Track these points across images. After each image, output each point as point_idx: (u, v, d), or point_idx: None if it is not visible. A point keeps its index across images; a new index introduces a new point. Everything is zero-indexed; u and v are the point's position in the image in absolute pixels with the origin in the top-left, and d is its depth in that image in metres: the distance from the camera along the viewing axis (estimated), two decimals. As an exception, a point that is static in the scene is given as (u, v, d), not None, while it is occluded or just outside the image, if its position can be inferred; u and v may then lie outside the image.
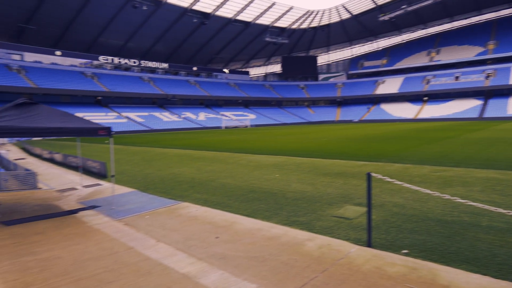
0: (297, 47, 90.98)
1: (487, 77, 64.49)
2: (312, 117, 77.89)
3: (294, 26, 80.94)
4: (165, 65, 74.82)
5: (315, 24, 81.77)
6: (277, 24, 77.70)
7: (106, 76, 63.56)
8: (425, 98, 70.51)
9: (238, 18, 71.15)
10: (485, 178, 8.76)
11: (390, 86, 76.30)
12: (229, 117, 68.29)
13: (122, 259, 4.46)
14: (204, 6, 64.44)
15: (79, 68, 62.40)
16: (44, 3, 54.19)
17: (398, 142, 19.74)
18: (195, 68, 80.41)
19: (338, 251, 4.57)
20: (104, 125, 7.67)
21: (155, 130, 53.16)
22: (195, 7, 63.96)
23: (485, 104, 61.69)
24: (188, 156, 16.69)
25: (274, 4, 68.47)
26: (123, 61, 68.46)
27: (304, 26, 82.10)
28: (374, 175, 4.87)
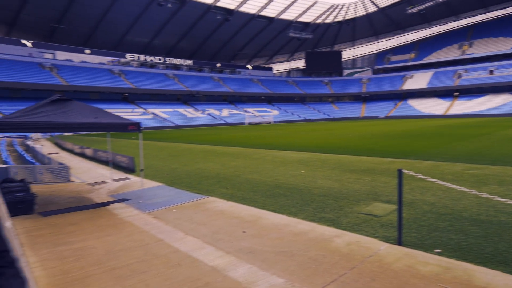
0: (321, 42, 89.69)
1: (524, 70, 61.17)
2: (336, 113, 76.73)
3: (319, 21, 79.78)
4: (189, 62, 75.86)
5: (340, 18, 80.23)
6: (301, 19, 76.88)
7: (133, 73, 65.23)
8: (456, 93, 67.73)
9: (262, 13, 70.95)
10: (523, 176, 8.32)
11: (419, 81, 73.81)
12: (252, 113, 68.44)
13: (153, 250, 4.58)
14: (228, 2, 64.68)
15: (107, 65, 64.39)
16: (74, 3, 56.20)
17: (427, 139, 19.09)
18: (218, 65, 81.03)
19: (367, 249, 4.48)
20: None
21: (179, 126, 54.12)
22: (218, 4, 64.33)
23: (521, 99, 58.61)
24: (212, 151, 16.88)
25: (298, -2, 67.85)
26: (149, 58, 70.00)
27: (329, 20, 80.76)
28: (405, 171, 4.73)
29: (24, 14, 56.19)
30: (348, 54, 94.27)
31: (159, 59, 71.31)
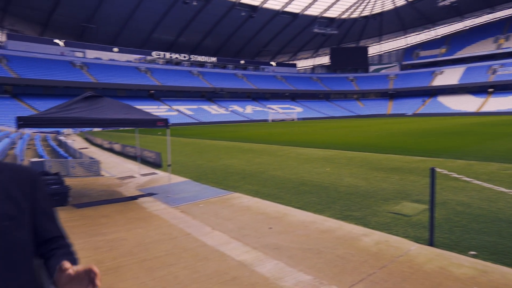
0: (346, 38, 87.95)
1: None
2: (361, 110, 75.17)
3: (344, 16, 78.23)
4: (213, 59, 76.53)
5: (366, 13, 78.30)
6: (326, 15, 75.66)
7: (158, 71, 66.61)
8: (490, 90, 64.58)
9: (286, 9, 70.40)
10: None
11: (449, 77, 70.93)
12: (275, 110, 68.27)
13: (181, 244, 4.67)
14: (252, -1, 64.68)
15: (134, 63, 66.11)
16: (104, 3, 57.96)
17: (459, 137, 18.35)
18: (242, 62, 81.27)
19: (397, 248, 4.38)
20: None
21: (203, 123, 54.84)
22: (243, 1, 64.39)
23: (562, 96, 55.14)
24: (237, 148, 16.99)
25: (323, -6, 66.80)
26: (174, 56, 71.22)
27: (355, 15, 79.01)
28: (438, 170, 4.57)
29: (56, 15, 58.58)
30: (374, 49, 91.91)
31: (184, 57, 72.40)
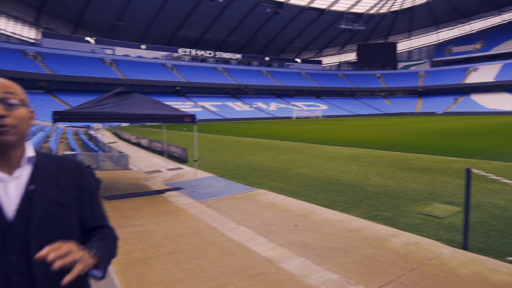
0: (374, 34, 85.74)
1: None
2: (388, 108, 73.21)
3: (373, 11, 76.25)
4: (238, 55, 76.83)
5: (396, 7, 75.92)
6: (353, 10, 74.04)
7: (184, 68, 67.67)
8: (528, 88, 61.18)
9: (312, 5, 69.50)
10: None
11: (484, 74, 67.62)
12: (300, 107, 67.74)
13: (208, 238, 4.73)
14: (278, -5, 64.31)
15: (160, 60, 67.48)
16: (133, 1, 59.47)
17: (494, 138, 17.50)
18: (267, 58, 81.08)
19: (428, 251, 4.23)
20: (188, 112, 8.14)
21: (227, 119, 55.25)
22: (269, -3, 64.20)
23: None
24: (261, 144, 17.00)
25: (351, -12, 65.39)
26: (200, 52, 72.11)
27: (384, 10, 76.82)
28: (475, 171, 4.37)
29: (88, 13, 60.74)
30: (403, 45, 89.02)
31: (209, 53, 73.14)
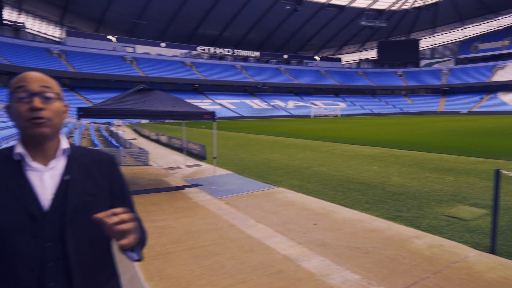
0: (396, 31, 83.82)
1: None
2: (410, 107, 71.51)
3: (395, 7, 74.56)
4: (256, 53, 76.80)
5: (419, 3, 73.96)
6: (374, 6, 72.63)
7: (203, 65, 68.21)
8: (559, 86, 58.41)
9: (332, 2, 68.62)
10: None
11: (512, 71, 65.08)
12: (318, 105, 67.13)
13: (227, 234, 4.75)
14: (298, -8, 63.77)
15: (179, 58, 68.27)
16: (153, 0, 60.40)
17: (521, 138, 16.81)
18: (285, 56, 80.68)
19: (453, 253, 4.10)
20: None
21: (245, 117, 55.39)
22: (288, -6, 63.79)
23: None
24: (279, 142, 16.94)
25: (372, -16, 64.13)
26: (218, 50, 72.51)
27: (406, 6, 74.98)
28: (505, 172, 4.20)
29: (110, 12, 62.08)
30: (426, 42, 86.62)
31: (228, 51, 73.43)
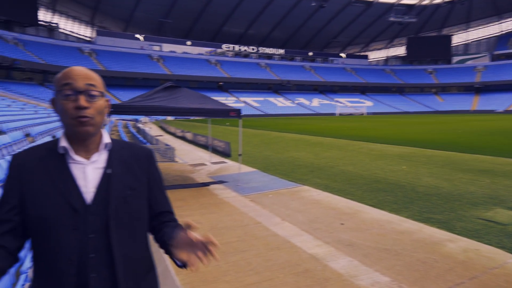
0: (426, 26, 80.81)
1: None
2: (440, 105, 68.84)
3: (426, 2, 71.90)
4: (281, 51, 76.39)
5: (452, -3, 70.93)
6: (404, 1, 70.36)
7: (227, 63, 68.65)
8: None
9: (360, -2, 67.14)
10: None
11: (553, 68, 61.20)
12: (343, 103, 65.97)
13: (252, 232, 4.75)
14: (324, -12, 62.83)
15: (205, 56, 69.05)
16: (180, -1, 61.39)
17: None
18: (310, 53, 79.76)
19: (489, 259, 3.90)
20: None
21: (269, 115, 55.29)
22: (314, -9, 62.96)
23: None
24: (304, 141, 16.78)
25: (402, -21, 62.15)
26: (243, 48, 72.71)
27: (438, 0, 72.07)
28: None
29: (138, 11, 63.68)
30: (459, 38, 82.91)
31: (252, 49, 73.49)
